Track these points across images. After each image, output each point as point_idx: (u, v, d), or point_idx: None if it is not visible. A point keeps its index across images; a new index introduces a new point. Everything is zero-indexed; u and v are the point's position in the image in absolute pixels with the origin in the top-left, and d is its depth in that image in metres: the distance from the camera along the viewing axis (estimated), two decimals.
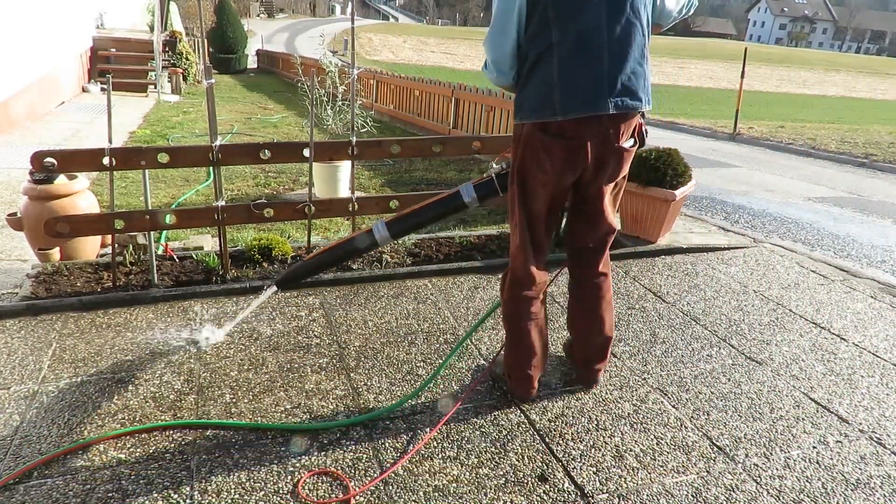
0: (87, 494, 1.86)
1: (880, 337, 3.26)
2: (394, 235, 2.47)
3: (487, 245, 4.27)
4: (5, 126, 7.49)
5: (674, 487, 2.03)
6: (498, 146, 4.03)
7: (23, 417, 2.20)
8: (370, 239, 2.45)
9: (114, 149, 3.05)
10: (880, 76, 43.14)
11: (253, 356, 2.70)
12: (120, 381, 2.45)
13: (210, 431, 2.17)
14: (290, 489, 1.93)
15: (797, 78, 37.61)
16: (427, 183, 6.55)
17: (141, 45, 13.24)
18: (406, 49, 38.93)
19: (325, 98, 6.53)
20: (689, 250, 4.48)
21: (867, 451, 2.29)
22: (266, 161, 3.41)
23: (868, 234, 5.73)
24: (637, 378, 2.68)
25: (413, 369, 2.67)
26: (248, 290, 3.32)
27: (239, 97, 13.98)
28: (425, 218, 2.47)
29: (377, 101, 11.56)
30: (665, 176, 4.32)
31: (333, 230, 4.72)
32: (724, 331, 3.22)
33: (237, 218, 3.51)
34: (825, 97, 28.79)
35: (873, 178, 9.01)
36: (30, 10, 8.47)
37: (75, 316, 2.97)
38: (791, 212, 6.46)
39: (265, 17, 59.41)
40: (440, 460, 2.09)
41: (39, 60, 8.85)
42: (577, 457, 2.15)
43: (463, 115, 8.46)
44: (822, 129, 14.30)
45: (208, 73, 3.32)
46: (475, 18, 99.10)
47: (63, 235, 3.10)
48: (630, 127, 2.14)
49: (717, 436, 2.32)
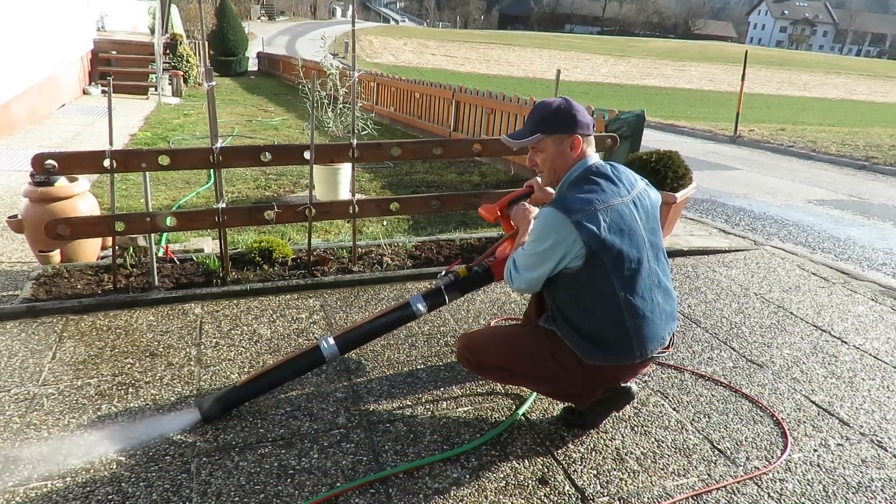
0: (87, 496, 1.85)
1: (881, 340, 3.26)
2: (343, 350, 2.34)
3: (487, 247, 4.26)
4: (6, 128, 7.50)
5: (674, 490, 2.03)
6: (498, 148, 4.03)
7: (23, 420, 2.20)
8: (317, 355, 2.29)
9: (114, 151, 3.05)
10: (881, 79, 43.16)
11: (253, 358, 2.70)
12: (120, 384, 2.45)
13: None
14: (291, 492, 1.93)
15: (798, 81, 37.63)
16: (427, 185, 6.56)
17: (141, 48, 13.26)
18: (406, 52, 38.99)
19: (326, 101, 6.54)
20: (689, 253, 4.48)
21: (868, 454, 2.28)
22: (267, 163, 3.40)
23: (869, 237, 5.72)
24: (637, 380, 2.67)
25: (414, 371, 2.66)
26: (248, 293, 3.32)
27: (239, 100, 13.99)
28: (376, 330, 2.38)
29: (378, 104, 11.57)
30: (665, 178, 4.32)
31: (334, 232, 4.72)
32: (725, 333, 3.21)
33: (237, 220, 3.51)
34: (825, 100, 28.81)
35: (874, 181, 9.01)
36: (31, 12, 8.48)
37: (76, 318, 2.97)
38: (792, 214, 6.45)
39: (266, 19, 59.48)
40: (440, 461, 2.09)
41: (40, 63, 8.87)
42: (577, 460, 2.15)
43: (463, 118, 8.47)
44: (822, 131, 14.31)
45: (209, 75, 3.32)
46: (475, 21, 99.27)
47: (63, 238, 3.10)
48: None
49: (717, 438, 2.31)
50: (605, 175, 2.03)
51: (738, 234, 5.28)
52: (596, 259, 1.91)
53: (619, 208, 1.97)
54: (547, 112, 2.04)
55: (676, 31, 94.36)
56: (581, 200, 1.93)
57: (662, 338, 2.08)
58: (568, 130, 2.02)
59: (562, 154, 2.05)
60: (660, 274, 2.08)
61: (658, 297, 2.05)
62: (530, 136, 2.05)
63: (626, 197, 2.01)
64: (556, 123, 2.03)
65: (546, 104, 2.06)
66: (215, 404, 2.23)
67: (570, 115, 2.02)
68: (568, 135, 2.03)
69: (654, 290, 2.04)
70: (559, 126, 2.03)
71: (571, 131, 2.02)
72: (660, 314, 2.05)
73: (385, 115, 11.23)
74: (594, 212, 1.91)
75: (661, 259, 2.10)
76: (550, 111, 2.03)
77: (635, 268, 1.97)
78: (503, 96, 7.53)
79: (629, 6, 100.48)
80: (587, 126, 2.05)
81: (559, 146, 2.04)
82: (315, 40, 34.71)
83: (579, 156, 2.06)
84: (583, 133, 2.04)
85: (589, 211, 1.91)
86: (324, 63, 7.09)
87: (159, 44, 12.72)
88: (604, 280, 1.95)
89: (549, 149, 2.06)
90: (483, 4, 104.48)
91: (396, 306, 2.39)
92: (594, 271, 1.94)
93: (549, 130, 2.04)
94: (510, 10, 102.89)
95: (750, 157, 10.75)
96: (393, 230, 4.85)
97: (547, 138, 2.04)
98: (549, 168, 2.09)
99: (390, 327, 2.42)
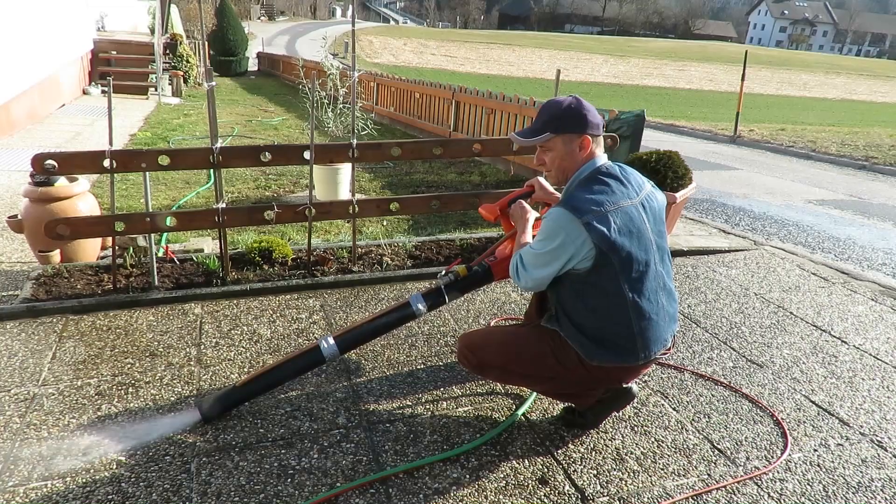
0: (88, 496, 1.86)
1: (881, 340, 3.26)
2: (343, 350, 2.33)
3: (487, 247, 4.25)
4: (6, 128, 7.50)
5: (674, 490, 2.03)
6: (498, 148, 4.03)
7: (23, 420, 2.20)
8: (317, 355, 2.29)
9: (114, 151, 3.05)
10: (881, 79, 43.17)
11: (253, 358, 2.70)
12: (120, 384, 2.45)
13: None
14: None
15: (797, 81, 37.64)
16: (427, 185, 6.56)
17: (141, 48, 13.26)
18: (406, 52, 38.98)
19: (326, 101, 6.54)
20: (689, 253, 4.48)
21: (868, 454, 2.28)
22: (266, 163, 3.40)
23: (868, 237, 5.72)
24: (637, 380, 2.67)
25: (414, 371, 2.66)
26: (248, 293, 3.32)
27: (239, 100, 13.99)
28: (376, 330, 2.38)
29: (378, 104, 11.57)
30: (665, 178, 4.32)
31: (334, 232, 4.72)
32: (725, 333, 3.21)
33: (237, 220, 3.51)
34: (825, 100, 28.82)
35: (874, 181, 9.01)
36: (31, 12, 8.48)
37: (75, 318, 2.97)
38: (791, 214, 6.45)
39: (265, 19, 59.50)
40: (440, 461, 2.09)
41: (40, 63, 8.87)
42: (577, 459, 2.15)
43: (463, 118, 8.47)
44: (822, 131, 14.32)
45: (209, 75, 3.32)
46: (475, 21, 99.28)
47: (63, 238, 3.10)
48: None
49: (717, 438, 2.31)
50: (614, 176, 2.01)
51: (738, 234, 5.28)
52: (605, 260, 1.91)
53: (628, 210, 1.96)
54: (557, 111, 2.02)
55: (676, 31, 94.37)
56: (591, 201, 1.92)
57: (665, 339, 2.08)
58: (578, 130, 2.00)
59: (571, 154, 2.03)
60: (665, 276, 2.08)
61: (663, 299, 2.05)
62: (540, 135, 2.02)
63: (635, 199, 2.00)
64: (567, 123, 2.01)
65: (556, 102, 2.03)
66: (215, 404, 2.23)
67: (580, 115, 2.00)
68: (578, 134, 2.01)
69: (659, 292, 2.04)
70: (569, 125, 2.01)
71: (581, 131, 2.00)
72: (664, 316, 2.05)
73: (385, 115, 11.23)
74: (604, 213, 1.90)
75: (665, 261, 2.10)
76: (561, 110, 2.01)
77: (643, 270, 1.97)
78: (503, 96, 7.53)
79: (629, 6, 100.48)
80: (597, 126, 2.03)
81: (569, 146, 2.02)
82: (315, 40, 34.77)
83: (588, 156, 2.04)
84: (592, 133, 2.02)
85: (599, 212, 1.90)
86: (324, 63, 7.09)
87: (159, 44, 12.72)
88: (612, 281, 1.94)
89: (559, 148, 2.03)
90: (483, 4, 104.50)
91: (396, 306, 2.39)
92: (603, 272, 1.93)
93: (558, 129, 2.01)
94: (510, 10, 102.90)
95: (750, 157, 10.75)
96: (393, 230, 4.85)
97: (556, 137, 2.02)
98: (558, 167, 2.07)
99: (390, 327, 2.42)
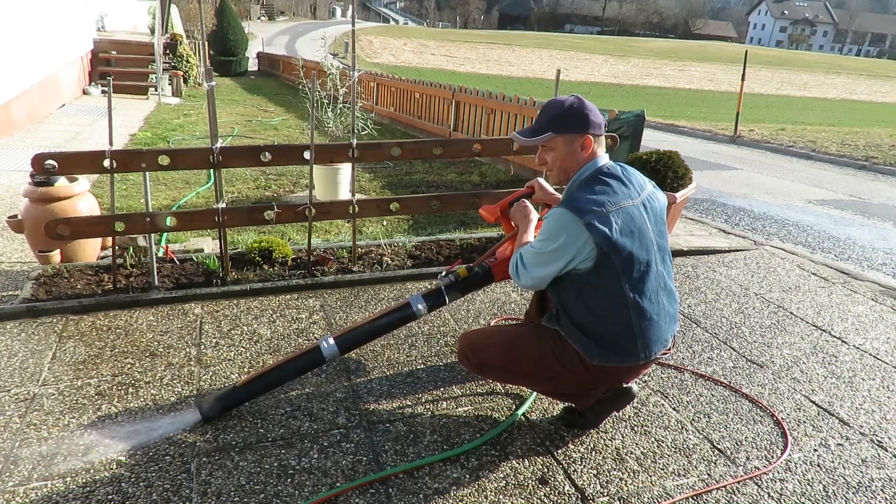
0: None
1: (881, 340, 3.26)
2: (343, 350, 2.34)
3: (488, 247, 4.26)
4: (6, 128, 7.50)
5: (674, 490, 2.03)
6: (498, 148, 4.03)
7: (23, 420, 2.20)
8: (317, 355, 2.29)
9: (114, 151, 3.05)
10: (881, 79, 43.17)
11: (253, 358, 2.70)
12: (120, 384, 2.45)
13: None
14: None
15: (798, 81, 37.64)
16: (427, 185, 6.55)
17: (141, 48, 13.26)
18: (406, 52, 38.99)
19: (326, 101, 6.54)
20: (689, 252, 4.48)
21: (868, 454, 2.28)
22: (266, 163, 3.40)
23: (869, 237, 5.72)
24: (637, 380, 2.67)
25: (414, 371, 2.66)
26: (248, 293, 3.32)
27: (239, 100, 13.99)
28: (376, 330, 2.38)
29: (378, 104, 11.57)
30: (665, 178, 4.32)
31: (334, 232, 4.72)
32: (725, 333, 3.21)
33: (237, 220, 3.51)
34: (826, 100, 28.82)
35: (874, 181, 9.01)
36: (31, 12, 8.48)
37: (76, 318, 2.97)
38: (792, 214, 6.45)
39: (265, 19, 59.49)
40: (440, 461, 2.09)
41: (40, 63, 8.87)
42: (577, 459, 2.15)
43: (463, 118, 8.47)
44: (822, 131, 14.32)
45: (209, 75, 3.32)
46: (475, 21, 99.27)
47: (63, 238, 3.10)
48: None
49: (717, 438, 2.31)
50: (615, 176, 2.01)
51: (738, 233, 5.28)
52: (606, 261, 1.90)
53: (629, 210, 1.95)
54: (559, 110, 2.01)
55: (676, 31, 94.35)
56: (592, 202, 1.91)
57: (665, 339, 2.08)
58: (580, 130, 2.00)
59: (572, 154, 2.03)
60: (666, 276, 2.08)
61: (663, 299, 2.05)
62: (542, 135, 2.02)
63: (636, 199, 1.99)
64: (568, 122, 2.00)
65: (558, 102, 2.02)
66: (215, 404, 2.23)
67: (582, 115, 1.99)
68: (579, 134, 2.00)
69: (660, 292, 2.03)
70: (571, 125, 2.00)
71: (583, 131, 2.00)
72: (664, 316, 2.05)
73: (385, 115, 11.23)
74: (606, 213, 1.90)
75: (666, 262, 2.10)
76: (562, 110, 2.00)
77: (644, 270, 1.97)
78: (503, 96, 7.53)
79: (629, 6, 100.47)
80: (599, 126, 2.02)
81: (570, 146, 2.02)
82: (315, 40, 34.75)
83: (590, 156, 2.04)
84: (594, 133, 2.01)
85: (601, 212, 1.89)
86: (324, 63, 7.09)
87: (159, 44, 12.72)
88: (613, 281, 1.94)
89: (560, 148, 2.03)
90: (483, 4, 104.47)
91: (396, 306, 2.39)
92: (604, 273, 1.93)
93: (560, 129, 2.01)
94: (510, 10, 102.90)
95: (750, 157, 10.75)
96: (393, 230, 4.85)
97: (558, 137, 2.02)
98: (559, 167, 2.07)
99: (390, 327, 2.42)
